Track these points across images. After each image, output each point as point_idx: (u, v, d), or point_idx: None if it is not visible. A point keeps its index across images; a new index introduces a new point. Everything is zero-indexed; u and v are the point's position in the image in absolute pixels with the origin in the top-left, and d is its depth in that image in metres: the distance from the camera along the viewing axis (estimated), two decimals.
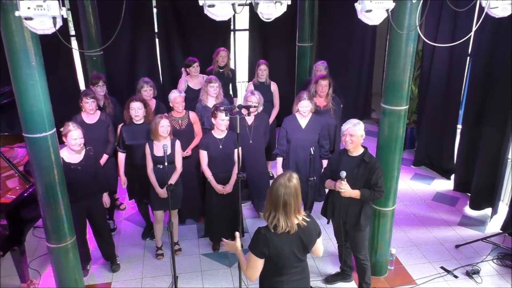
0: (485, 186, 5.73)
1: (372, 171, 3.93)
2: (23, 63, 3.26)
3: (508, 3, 3.43)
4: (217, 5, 3.05)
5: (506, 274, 4.79)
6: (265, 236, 2.79)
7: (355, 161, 3.99)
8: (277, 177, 2.86)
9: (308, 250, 2.94)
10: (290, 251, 2.84)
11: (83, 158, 4.39)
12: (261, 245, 2.80)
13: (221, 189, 4.83)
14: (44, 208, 3.77)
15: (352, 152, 4.02)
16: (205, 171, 4.84)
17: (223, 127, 4.72)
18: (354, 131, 3.90)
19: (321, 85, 5.42)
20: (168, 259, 4.94)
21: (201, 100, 5.50)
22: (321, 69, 6.07)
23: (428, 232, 5.53)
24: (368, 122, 8.89)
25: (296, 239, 2.84)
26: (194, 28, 7.58)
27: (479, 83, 5.75)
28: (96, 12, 6.28)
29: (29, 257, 4.78)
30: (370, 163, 3.95)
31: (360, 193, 3.94)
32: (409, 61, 3.95)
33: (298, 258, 2.91)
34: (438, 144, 6.80)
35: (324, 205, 4.36)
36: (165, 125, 4.59)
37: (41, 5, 2.75)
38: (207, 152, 4.79)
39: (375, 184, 3.94)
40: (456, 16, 5.96)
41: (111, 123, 5.19)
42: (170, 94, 5.11)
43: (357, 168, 3.96)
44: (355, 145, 3.95)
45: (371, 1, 3.23)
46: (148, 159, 4.68)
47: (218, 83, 5.42)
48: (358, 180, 3.96)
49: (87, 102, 4.93)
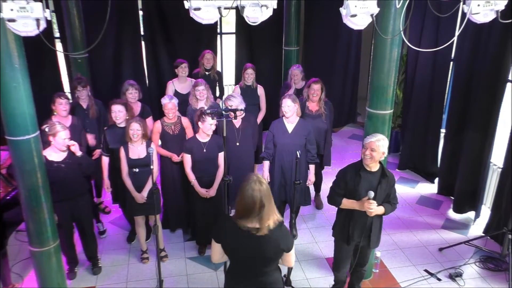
0: (468, 189, 5.80)
1: (391, 184, 3.84)
2: (6, 65, 3.22)
3: (489, 9, 3.50)
4: (203, 8, 3.05)
5: (488, 276, 4.86)
6: (224, 224, 2.88)
7: (376, 177, 3.78)
8: (246, 181, 2.76)
9: (266, 262, 2.83)
10: (244, 252, 2.81)
11: (67, 155, 4.32)
12: (218, 230, 2.91)
13: (205, 193, 4.81)
14: (27, 211, 3.72)
15: (371, 168, 3.78)
16: (188, 175, 4.81)
17: (210, 131, 4.71)
18: (377, 146, 3.68)
19: (314, 89, 5.41)
20: (153, 262, 4.91)
21: (191, 104, 5.50)
22: (297, 73, 6.11)
23: (412, 235, 5.58)
24: (354, 126, 8.99)
25: (256, 245, 2.76)
26: (180, 31, 7.56)
27: (462, 88, 5.83)
28: (81, 14, 6.23)
29: (11, 261, 4.72)
30: (389, 177, 3.81)
31: (384, 209, 3.78)
32: (394, 65, 3.99)
33: (255, 265, 2.85)
34: (422, 148, 6.88)
35: (336, 226, 4.08)
36: (134, 129, 4.50)
37: (24, 7, 2.73)
38: (191, 156, 4.78)
39: (394, 198, 3.88)
40: (439, 22, 6.05)
41: (83, 127, 5.12)
42: (162, 100, 5.08)
43: (379, 185, 3.77)
44: (374, 161, 3.72)
45: (356, 5, 3.27)
46: (123, 163, 4.60)
47: (204, 86, 5.40)
48: (381, 195, 3.79)
49: (60, 103, 4.84)
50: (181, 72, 5.98)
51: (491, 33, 5.22)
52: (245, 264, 2.88)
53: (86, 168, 4.48)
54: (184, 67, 5.97)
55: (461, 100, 5.86)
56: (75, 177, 4.37)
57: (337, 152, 7.31)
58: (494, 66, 5.25)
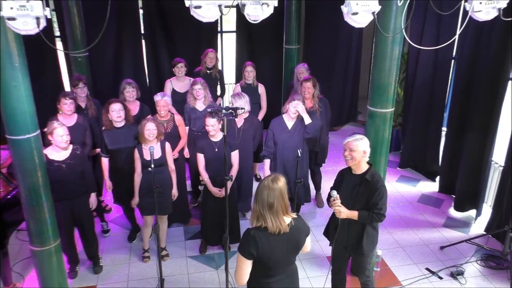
0: (470, 188, 5.79)
1: (373, 190, 3.57)
2: (6, 64, 3.21)
3: (491, 7, 3.48)
4: (203, 7, 3.04)
5: (489, 275, 4.85)
6: (254, 237, 2.78)
7: (356, 179, 3.67)
8: (263, 179, 2.87)
9: (298, 251, 2.96)
10: (280, 252, 2.84)
11: (68, 156, 4.32)
12: (249, 246, 2.78)
13: (218, 192, 4.80)
14: (27, 210, 3.71)
15: (355, 170, 3.68)
16: (202, 174, 4.82)
17: (212, 132, 4.69)
18: (355, 146, 3.57)
19: (305, 87, 5.43)
20: (155, 262, 4.91)
21: (189, 103, 5.49)
22: (303, 71, 6.08)
23: (413, 234, 5.57)
24: (355, 125, 8.98)
25: (286, 240, 2.84)
26: (180, 30, 7.54)
27: (463, 86, 5.81)
28: (81, 13, 6.22)
29: (12, 260, 4.72)
30: (372, 182, 3.59)
31: (357, 214, 3.61)
32: (395, 64, 3.97)
33: (288, 259, 2.93)
34: (423, 147, 6.87)
35: (327, 226, 4.12)
36: (150, 128, 4.53)
37: (24, 6, 2.72)
38: (203, 155, 4.76)
39: (374, 205, 3.57)
40: (440, 20, 6.03)
41: (89, 126, 5.11)
42: (155, 97, 5.09)
43: (357, 187, 3.64)
44: (355, 161, 3.60)
45: (357, 3, 3.25)
46: (137, 163, 4.62)
47: (201, 85, 5.37)
48: (359, 200, 3.63)
49: (65, 103, 4.83)
50: (177, 72, 5.98)
51: (493, 31, 5.20)
52: (279, 262, 2.89)
53: (88, 184, 4.51)
54: (180, 66, 5.96)
55: (462, 98, 5.84)
56: (75, 177, 4.36)
57: (337, 151, 7.30)
58: (495, 64, 5.23)
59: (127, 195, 4.87)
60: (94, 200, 4.61)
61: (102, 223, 5.49)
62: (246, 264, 2.83)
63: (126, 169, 4.76)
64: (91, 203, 4.58)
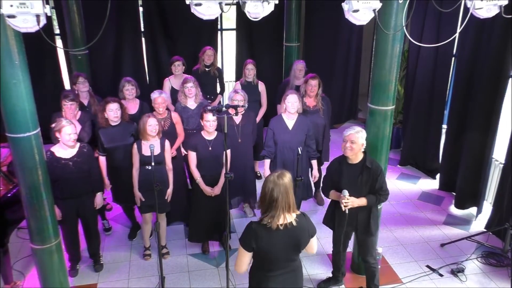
0: (470, 185, 5.79)
1: (375, 176, 3.88)
2: (6, 62, 3.20)
3: (492, 4, 3.48)
4: (204, 4, 3.03)
5: (490, 272, 4.85)
6: (255, 230, 2.84)
7: (357, 169, 3.92)
8: (269, 174, 2.90)
9: (299, 250, 2.96)
10: (279, 248, 2.86)
11: (75, 154, 4.30)
12: (250, 239, 2.85)
13: (210, 191, 4.79)
14: (28, 209, 3.71)
15: (352, 160, 3.93)
16: (193, 173, 4.79)
17: (211, 128, 4.65)
18: (356, 138, 3.81)
19: (311, 84, 5.37)
20: (155, 260, 4.91)
21: (180, 101, 5.46)
22: (301, 67, 6.04)
23: (414, 231, 5.57)
24: (355, 122, 8.96)
25: (286, 236, 2.85)
26: (180, 28, 7.53)
27: (463, 84, 5.80)
28: (81, 10, 6.21)
29: (13, 259, 4.71)
30: (372, 168, 3.89)
31: (366, 201, 3.90)
32: (395, 61, 3.97)
33: (288, 256, 2.93)
34: (424, 144, 6.86)
35: (326, 215, 4.32)
36: (152, 124, 4.53)
37: (24, 3, 2.71)
38: (196, 153, 4.75)
39: (380, 189, 3.91)
40: (441, 17, 6.02)
41: (89, 119, 5.04)
42: (152, 94, 5.07)
43: (360, 176, 3.90)
44: (354, 152, 3.86)
45: (358, 1, 3.25)
46: (135, 159, 4.61)
47: (192, 83, 5.34)
48: (363, 188, 3.91)
49: (65, 104, 4.73)
50: (174, 70, 5.96)
51: (493, 29, 5.19)
52: (278, 258, 2.91)
53: (95, 183, 4.51)
54: (177, 65, 5.94)
55: (462, 95, 5.83)
56: (82, 175, 4.33)
57: (338, 148, 7.27)
58: (496, 62, 5.22)
59: (125, 193, 4.86)
60: (100, 200, 4.58)
61: (103, 221, 5.49)
62: (246, 256, 2.90)
63: (124, 167, 4.75)
64: (96, 203, 4.57)
